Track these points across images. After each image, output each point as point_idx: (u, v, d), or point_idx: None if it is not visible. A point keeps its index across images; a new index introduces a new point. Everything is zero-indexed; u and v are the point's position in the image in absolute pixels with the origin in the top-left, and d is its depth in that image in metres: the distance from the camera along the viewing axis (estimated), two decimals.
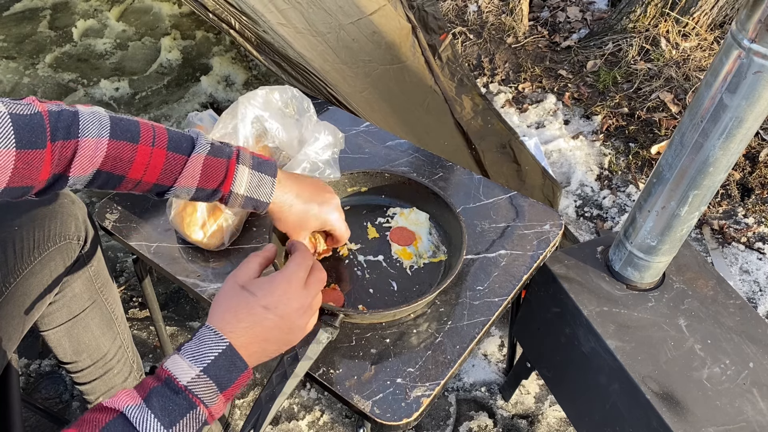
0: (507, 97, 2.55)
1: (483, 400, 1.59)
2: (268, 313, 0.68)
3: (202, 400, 0.62)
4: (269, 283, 0.70)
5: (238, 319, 0.67)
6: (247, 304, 0.68)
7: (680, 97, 2.42)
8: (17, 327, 1.01)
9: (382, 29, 1.69)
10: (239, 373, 0.65)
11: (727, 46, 0.80)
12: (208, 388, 0.62)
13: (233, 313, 0.67)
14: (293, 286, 0.71)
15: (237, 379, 0.65)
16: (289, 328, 0.70)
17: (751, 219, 2.06)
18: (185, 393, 0.61)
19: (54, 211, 1.05)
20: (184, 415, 0.61)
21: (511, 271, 1.07)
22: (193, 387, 0.62)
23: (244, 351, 0.66)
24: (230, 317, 0.67)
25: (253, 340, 0.67)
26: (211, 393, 0.63)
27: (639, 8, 2.68)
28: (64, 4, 3.02)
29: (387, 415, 0.87)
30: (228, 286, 0.71)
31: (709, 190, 0.95)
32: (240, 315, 0.67)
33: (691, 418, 0.94)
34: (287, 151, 1.10)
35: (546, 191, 1.88)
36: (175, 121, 2.39)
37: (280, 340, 0.70)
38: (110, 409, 0.60)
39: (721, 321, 1.08)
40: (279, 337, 0.70)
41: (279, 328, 0.69)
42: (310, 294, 0.73)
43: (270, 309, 0.68)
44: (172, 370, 0.63)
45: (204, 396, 0.62)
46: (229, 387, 0.64)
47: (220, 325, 0.66)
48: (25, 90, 2.54)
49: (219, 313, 0.68)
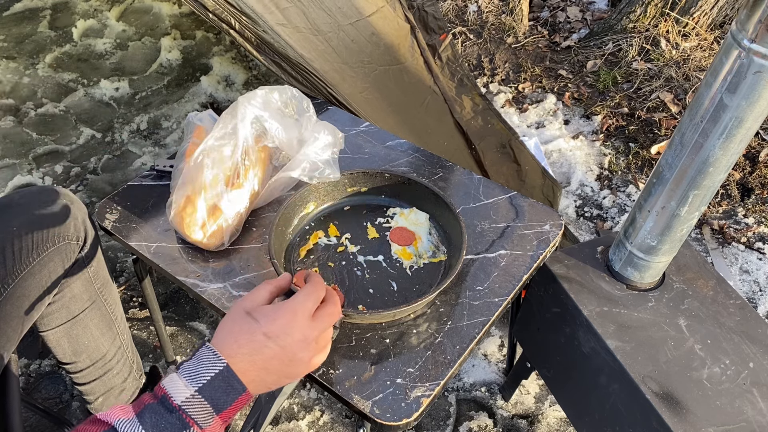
0: (507, 97, 2.55)
1: (483, 400, 1.59)
2: (269, 342, 0.66)
3: (196, 421, 0.60)
4: (274, 311, 0.68)
5: (239, 345, 0.65)
6: (249, 330, 0.66)
7: (680, 97, 2.42)
8: (16, 327, 1.01)
9: (380, 31, 1.69)
10: (237, 395, 0.63)
11: (727, 46, 0.80)
12: (203, 409, 0.61)
13: (234, 337, 0.66)
14: (298, 317, 0.68)
15: (235, 401, 0.63)
16: (289, 359, 0.67)
17: (751, 219, 2.06)
18: (179, 413, 0.60)
19: (53, 212, 1.05)
20: None
21: (511, 271, 1.07)
22: (188, 407, 0.60)
23: (243, 377, 0.64)
24: (231, 341, 0.65)
25: (252, 368, 0.65)
26: (206, 414, 0.61)
27: (639, 8, 2.68)
28: (64, 4, 3.02)
29: (387, 415, 0.87)
30: (234, 310, 0.69)
31: (709, 190, 0.95)
32: (241, 340, 0.65)
33: (691, 418, 0.94)
34: (287, 151, 1.10)
35: (546, 191, 1.88)
36: (175, 121, 2.39)
37: (280, 371, 0.67)
38: (103, 422, 0.59)
39: (721, 321, 1.08)
40: (279, 368, 0.67)
41: (279, 359, 0.66)
42: (316, 327, 0.69)
43: (271, 338, 0.66)
44: (168, 388, 0.61)
45: (198, 417, 0.60)
46: (226, 409, 0.62)
47: (221, 347, 0.65)
48: (25, 90, 2.54)
49: (221, 336, 0.67)
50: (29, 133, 2.36)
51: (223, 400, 0.62)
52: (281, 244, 1.08)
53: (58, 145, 2.31)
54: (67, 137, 2.34)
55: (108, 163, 2.24)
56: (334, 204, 1.19)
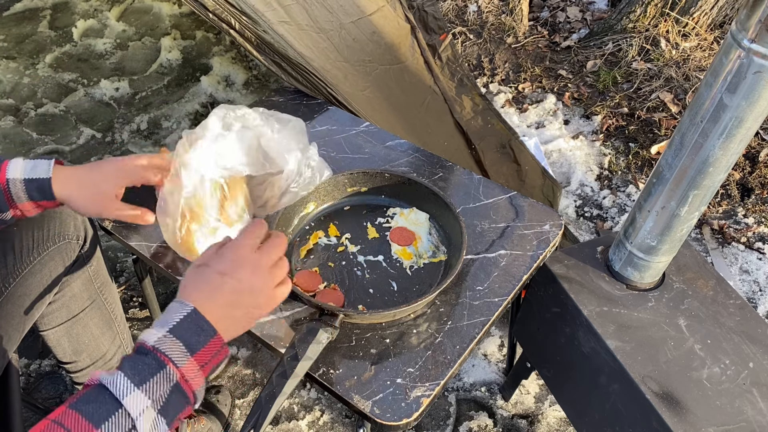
0: (507, 97, 2.55)
1: (483, 400, 1.59)
2: (224, 278, 0.70)
3: (171, 358, 0.63)
4: (221, 253, 0.73)
5: (199, 290, 0.69)
6: (204, 276, 0.70)
7: (680, 97, 2.42)
8: (17, 327, 1.01)
9: (381, 30, 1.69)
10: (208, 337, 0.66)
11: (727, 46, 0.80)
12: (176, 347, 0.64)
13: (194, 286, 0.70)
14: (244, 251, 0.73)
15: (207, 343, 0.66)
16: (249, 291, 0.71)
17: (751, 219, 2.06)
18: (153, 353, 0.63)
19: (53, 212, 1.05)
20: (154, 374, 0.62)
21: (511, 271, 1.07)
22: (160, 345, 0.64)
23: (210, 317, 0.67)
24: (192, 290, 0.70)
25: (215, 306, 0.69)
26: (180, 353, 0.64)
27: (639, 8, 2.68)
28: (64, 4, 3.01)
29: (387, 415, 0.87)
30: (188, 270, 0.74)
31: (709, 190, 0.95)
32: (200, 287, 0.70)
33: (691, 418, 0.94)
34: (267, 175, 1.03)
35: (546, 191, 1.88)
36: (175, 121, 2.39)
37: (244, 304, 0.71)
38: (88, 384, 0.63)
39: (721, 321, 1.08)
40: (241, 300, 0.71)
41: (238, 292, 0.70)
42: (264, 256, 0.73)
43: (225, 273, 0.70)
44: (141, 337, 0.66)
45: (172, 355, 0.63)
46: (200, 350, 0.65)
47: (183, 297, 0.69)
48: (25, 90, 2.54)
49: (184, 292, 0.70)
50: (29, 133, 2.36)
51: (195, 340, 0.65)
52: None
53: (58, 145, 2.31)
54: (67, 137, 2.34)
55: None
56: (334, 204, 1.19)
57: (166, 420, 0.62)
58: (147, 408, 0.60)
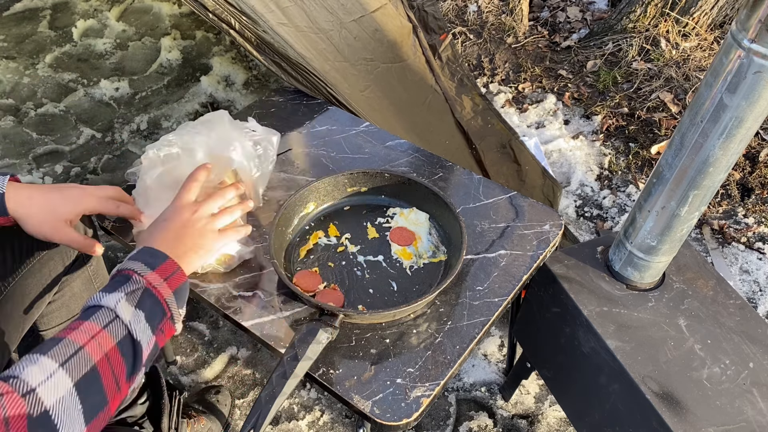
0: (507, 97, 2.55)
1: (483, 400, 1.59)
2: (167, 222, 0.88)
3: (135, 270, 0.77)
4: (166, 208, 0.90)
5: (149, 233, 0.87)
6: (153, 225, 0.89)
7: (680, 97, 2.42)
8: (17, 327, 1.01)
9: (383, 27, 1.69)
10: (162, 259, 0.80)
11: (727, 46, 0.80)
12: (136, 264, 0.78)
13: (146, 234, 0.88)
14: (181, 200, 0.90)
15: (163, 262, 0.80)
16: (192, 227, 0.88)
17: (751, 219, 2.06)
18: (119, 274, 0.77)
19: None
20: (123, 284, 0.75)
21: (510, 271, 1.07)
22: (123, 267, 0.78)
23: (161, 247, 0.82)
24: (144, 236, 0.87)
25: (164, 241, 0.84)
26: (140, 268, 0.77)
27: (639, 8, 2.68)
28: (64, 4, 3.01)
29: (387, 415, 0.87)
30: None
31: (709, 190, 0.95)
32: (154, 234, 0.86)
33: (691, 418, 0.94)
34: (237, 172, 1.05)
35: (546, 191, 1.88)
36: (175, 121, 2.39)
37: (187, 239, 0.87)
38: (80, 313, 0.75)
39: (721, 321, 1.08)
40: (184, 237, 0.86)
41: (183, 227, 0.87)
42: (203, 205, 0.90)
43: (168, 219, 0.88)
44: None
45: (135, 267, 0.77)
46: (157, 267, 0.79)
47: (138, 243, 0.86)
48: (25, 90, 2.54)
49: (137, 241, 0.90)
50: (29, 133, 2.36)
51: (151, 261, 0.79)
52: (281, 244, 1.08)
53: (58, 145, 2.31)
54: (67, 137, 2.34)
55: (108, 163, 2.24)
56: (334, 204, 1.19)
57: (144, 314, 0.74)
58: (122, 299, 0.73)
